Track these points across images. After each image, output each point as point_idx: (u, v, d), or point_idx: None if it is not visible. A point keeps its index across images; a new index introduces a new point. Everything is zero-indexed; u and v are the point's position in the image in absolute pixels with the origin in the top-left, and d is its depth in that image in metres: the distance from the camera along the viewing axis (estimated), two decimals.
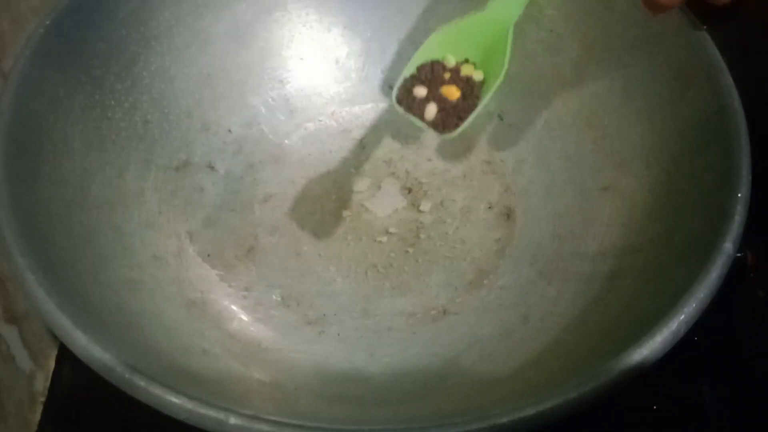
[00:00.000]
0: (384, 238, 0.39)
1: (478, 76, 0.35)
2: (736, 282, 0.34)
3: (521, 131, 0.41)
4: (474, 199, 0.40)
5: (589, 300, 0.32)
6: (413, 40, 0.43)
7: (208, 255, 0.37)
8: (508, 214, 0.39)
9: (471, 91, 0.34)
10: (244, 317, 0.35)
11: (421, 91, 0.34)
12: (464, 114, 0.33)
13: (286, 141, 0.42)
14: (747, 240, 0.29)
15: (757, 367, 0.37)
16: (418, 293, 0.37)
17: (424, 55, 0.35)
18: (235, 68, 0.42)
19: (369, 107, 0.44)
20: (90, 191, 0.34)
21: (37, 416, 0.37)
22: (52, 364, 0.39)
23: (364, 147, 0.43)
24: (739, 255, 0.34)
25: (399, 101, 0.33)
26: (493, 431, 0.23)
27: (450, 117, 0.33)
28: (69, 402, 0.37)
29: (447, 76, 0.35)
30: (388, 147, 0.43)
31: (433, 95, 0.34)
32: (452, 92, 0.34)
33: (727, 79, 0.32)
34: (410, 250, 0.39)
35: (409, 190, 0.41)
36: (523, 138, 0.41)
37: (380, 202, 0.40)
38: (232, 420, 0.23)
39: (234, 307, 0.36)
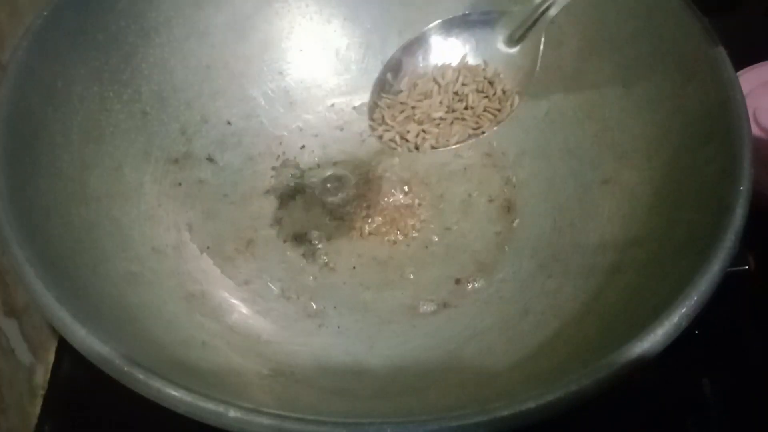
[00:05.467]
0: (384, 231, 0.39)
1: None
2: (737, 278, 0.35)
3: (522, 124, 0.41)
4: (474, 192, 0.40)
5: (589, 293, 0.32)
6: (414, 31, 0.43)
7: (208, 247, 0.37)
8: (509, 207, 0.39)
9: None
10: (244, 310, 0.35)
11: None
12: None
13: (285, 133, 0.42)
14: (748, 244, 0.29)
15: (758, 360, 0.37)
16: (418, 286, 0.37)
17: None
18: (235, 60, 0.42)
19: (369, 99, 0.44)
20: (89, 183, 0.34)
21: (37, 409, 0.37)
22: (51, 357, 0.39)
23: (363, 140, 0.42)
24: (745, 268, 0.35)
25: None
26: (494, 424, 0.23)
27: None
28: (69, 395, 0.37)
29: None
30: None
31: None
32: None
33: (730, 72, 0.32)
34: (410, 243, 0.39)
35: (409, 183, 0.41)
36: (523, 130, 0.41)
37: (380, 195, 0.40)
38: (232, 413, 0.23)
39: (233, 300, 0.36)
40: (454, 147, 0.35)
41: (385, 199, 0.40)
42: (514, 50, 0.35)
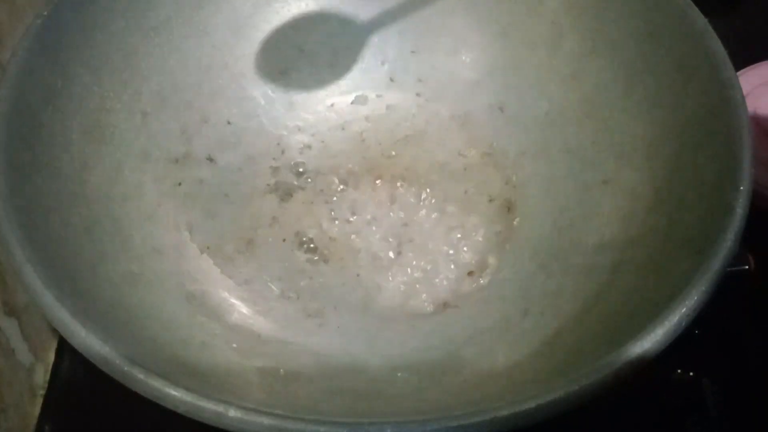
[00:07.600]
0: (384, 231, 0.39)
1: None
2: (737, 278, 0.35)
3: (522, 124, 0.41)
4: (474, 191, 0.40)
5: (589, 293, 0.32)
6: (414, 30, 0.43)
7: (208, 247, 0.37)
8: (509, 207, 0.39)
9: None
10: (244, 309, 0.35)
11: None
12: None
13: (285, 133, 0.42)
14: (748, 244, 0.29)
15: (758, 360, 0.37)
16: (419, 286, 0.37)
17: None
18: (234, 60, 0.42)
19: (369, 99, 0.44)
20: (88, 183, 0.34)
21: (37, 409, 0.37)
22: (51, 357, 0.39)
23: (363, 139, 0.42)
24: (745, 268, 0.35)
25: None
26: (494, 425, 0.23)
27: None
28: (69, 395, 0.37)
29: None
30: (388, 139, 0.42)
31: None
32: None
33: (730, 71, 0.32)
34: (410, 242, 0.38)
35: (410, 183, 0.41)
36: (523, 130, 0.41)
37: (380, 195, 0.40)
38: (232, 412, 0.23)
39: (233, 300, 0.36)
40: None
41: (385, 199, 0.40)
42: None
